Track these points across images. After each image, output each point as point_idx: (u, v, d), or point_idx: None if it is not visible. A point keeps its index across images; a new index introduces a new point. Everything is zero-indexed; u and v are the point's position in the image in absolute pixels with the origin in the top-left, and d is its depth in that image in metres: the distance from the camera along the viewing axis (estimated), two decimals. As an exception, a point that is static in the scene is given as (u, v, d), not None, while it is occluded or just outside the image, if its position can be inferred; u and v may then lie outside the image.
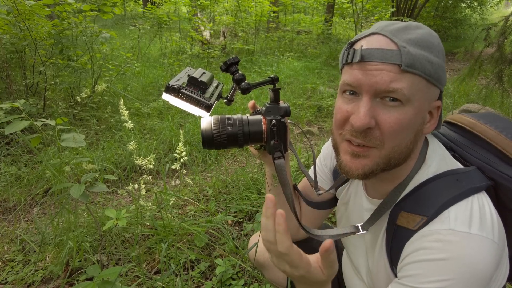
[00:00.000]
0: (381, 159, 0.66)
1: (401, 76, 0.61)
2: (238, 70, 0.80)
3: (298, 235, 1.04)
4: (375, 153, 0.66)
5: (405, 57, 0.60)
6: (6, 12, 3.06)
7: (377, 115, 0.63)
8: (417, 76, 0.62)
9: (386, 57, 0.61)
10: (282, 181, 0.83)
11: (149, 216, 1.88)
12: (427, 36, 0.64)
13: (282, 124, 0.80)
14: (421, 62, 0.62)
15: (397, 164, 0.68)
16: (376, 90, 0.62)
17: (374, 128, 0.64)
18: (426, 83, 0.64)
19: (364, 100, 0.64)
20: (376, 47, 0.63)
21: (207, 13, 8.24)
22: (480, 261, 0.58)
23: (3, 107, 1.31)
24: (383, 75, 0.61)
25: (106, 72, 3.97)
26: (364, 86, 0.63)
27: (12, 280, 1.61)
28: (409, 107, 0.63)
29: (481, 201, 0.64)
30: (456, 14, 11.95)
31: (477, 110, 3.14)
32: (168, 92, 0.76)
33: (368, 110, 0.63)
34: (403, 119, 0.62)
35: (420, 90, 0.63)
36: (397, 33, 0.63)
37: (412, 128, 0.65)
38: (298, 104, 4.37)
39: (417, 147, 0.70)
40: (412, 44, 0.62)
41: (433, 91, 0.66)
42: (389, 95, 0.62)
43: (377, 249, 0.77)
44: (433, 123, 0.70)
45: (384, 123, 0.63)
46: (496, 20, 3.50)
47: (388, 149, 0.65)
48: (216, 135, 0.78)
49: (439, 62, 0.64)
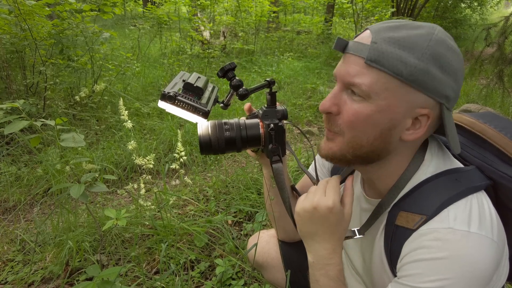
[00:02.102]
0: (344, 146, 0.69)
1: (366, 70, 0.62)
2: (235, 76, 0.80)
3: (297, 236, 1.04)
4: (339, 139, 0.70)
5: (370, 52, 0.62)
6: (8, 11, 3.06)
7: (342, 104, 0.67)
8: (383, 73, 0.61)
9: (357, 50, 0.64)
10: (280, 185, 0.83)
11: (149, 216, 1.88)
12: (416, 38, 0.61)
13: (280, 128, 0.80)
14: (388, 60, 0.60)
15: (366, 158, 0.69)
16: (343, 82, 0.66)
17: (337, 116, 0.68)
18: (400, 84, 0.61)
19: (335, 88, 0.68)
20: (356, 40, 0.66)
21: (207, 13, 8.23)
22: (480, 260, 0.58)
23: (3, 107, 1.31)
24: (351, 68, 0.64)
25: (106, 72, 3.97)
26: (337, 75, 0.68)
27: (12, 280, 1.61)
28: (371, 103, 0.63)
29: (480, 200, 0.64)
30: (456, 14, 11.94)
31: (477, 110, 3.14)
32: (164, 100, 0.74)
33: (333, 96, 0.68)
34: (360, 113, 0.64)
35: (388, 89, 0.62)
36: (382, 31, 0.63)
37: (374, 124, 0.64)
38: (298, 104, 4.37)
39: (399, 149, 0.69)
40: (390, 42, 0.61)
41: (415, 96, 0.62)
42: (351, 88, 0.65)
43: (375, 249, 0.77)
44: (420, 132, 0.66)
45: (344, 112, 0.67)
46: (496, 20, 3.50)
47: (348, 138, 0.68)
48: (214, 140, 0.78)
49: (421, 65, 0.60)
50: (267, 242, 1.15)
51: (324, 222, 0.70)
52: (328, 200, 0.70)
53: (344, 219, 0.71)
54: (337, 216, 0.70)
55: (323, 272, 0.70)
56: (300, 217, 0.74)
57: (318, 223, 0.71)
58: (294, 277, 1.04)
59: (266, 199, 0.98)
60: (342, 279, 0.70)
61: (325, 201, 0.70)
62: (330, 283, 0.70)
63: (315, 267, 0.72)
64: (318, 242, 0.72)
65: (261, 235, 1.17)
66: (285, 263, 1.07)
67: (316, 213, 0.70)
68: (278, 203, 0.94)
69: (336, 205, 0.70)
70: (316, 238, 0.72)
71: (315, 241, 0.72)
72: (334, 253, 0.71)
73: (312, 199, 0.72)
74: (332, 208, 0.69)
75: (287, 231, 1.04)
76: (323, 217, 0.70)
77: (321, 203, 0.70)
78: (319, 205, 0.70)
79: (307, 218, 0.72)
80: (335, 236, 0.71)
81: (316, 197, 0.71)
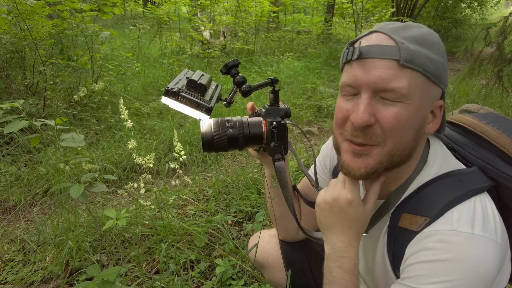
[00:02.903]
0: (383, 157, 0.65)
1: (400, 73, 0.61)
2: (239, 72, 0.79)
3: (298, 236, 1.04)
4: (377, 151, 0.65)
5: (403, 52, 0.60)
6: (7, 11, 3.06)
7: (377, 112, 0.63)
8: (416, 72, 0.62)
9: (385, 52, 0.61)
10: (282, 183, 0.83)
11: (148, 216, 1.88)
12: (426, 34, 0.64)
13: (282, 126, 0.80)
14: (420, 58, 0.61)
15: (399, 162, 0.67)
16: (375, 89, 0.62)
17: (374, 125, 0.64)
18: (427, 81, 0.63)
19: (363, 98, 0.63)
20: (375, 44, 0.63)
21: (207, 13, 8.23)
22: (484, 262, 0.58)
23: (3, 107, 1.31)
24: (382, 73, 0.61)
25: (106, 72, 3.97)
26: (363, 83, 0.63)
27: (12, 280, 1.61)
28: (409, 103, 0.62)
29: (483, 202, 0.64)
30: (456, 14, 11.96)
31: (477, 110, 3.14)
32: (167, 95, 0.75)
33: (367, 107, 0.63)
34: (402, 114, 0.62)
35: (420, 88, 0.63)
36: (396, 31, 0.63)
37: (412, 124, 0.64)
38: (298, 104, 4.36)
39: (420, 147, 0.70)
40: (411, 41, 0.62)
41: (434, 90, 0.66)
42: (387, 94, 0.62)
43: (378, 250, 0.76)
44: (436, 123, 0.69)
45: (384, 119, 0.63)
46: (496, 20, 3.50)
47: (390, 146, 0.65)
48: (216, 138, 0.78)
49: (440, 60, 0.64)
50: (268, 242, 1.15)
51: (342, 215, 0.70)
52: (348, 192, 0.70)
53: (364, 215, 0.71)
54: (356, 210, 0.70)
55: (338, 264, 0.70)
56: (320, 208, 0.74)
57: (336, 215, 0.71)
58: (295, 277, 1.04)
59: (267, 199, 0.98)
60: (356, 273, 0.70)
61: (345, 194, 0.70)
62: (344, 275, 0.69)
63: (331, 258, 0.72)
64: (335, 234, 0.72)
65: (262, 234, 1.17)
66: (286, 263, 1.06)
67: (336, 205, 0.71)
68: (279, 202, 0.93)
69: (356, 199, 0.70)
70: (333, 230, 0.72)
71: (332, 233, 0.72)
72: (351, 246, 0.70)
73: (333, 191, 0.72)
74: (351, 201, 0.69)
75: (288, 231, 1.04)
76: (342, 209, 0.70)
77: (341, 195, 0.70)
78: (339, 197, 0.70)
79: (326, 210, 0.72)
80: (352, 230, 0.71)
81: (337, 189, 0.72)
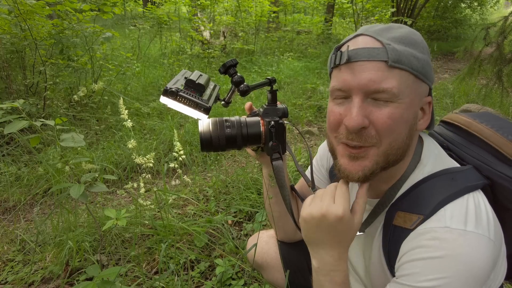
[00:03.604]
0: (379, 157, 0.66)
1: (389, 73, 0.62)
2: (237, 72, 0.80)
3: (296, 236, 1.04)
4: (373, 152, 0.66)
5: (391, 53, 0.62)
6: (8, 11, 3.06)
7: (370, 114, 0.64)
8: (404, 71, 0.63)
9: (373, 54, 0.62)
10: (280, 182, 0.83)
11: (148, 216, 1.88)
12: (410, 34, 0.66)
13: (280, 126, 0.80)
14: (407, 58, 0.63)
15: (395, 160, 0.68)
16: (366, 91, 0.63)
17: (368, 127, 0.64)
18: (415, 79, 0.65)
19: (355, 101, 0.64)
20: (362, 47, 0.64)
21: (207, 13, 8.23)
22: (477, 259, 0.58)
23: (3, 107, 1.31)
24: (372, 75, 0.62)
25: (106, 72, 3.97)
26: (353, 87, 0.64)
27: (12, 280, 1.61)
28: (400, 102, 0.63)
29: (476, 199, 0.65)
30: (456, 14, 11.94)
31: (477, 110, 3.14)
32: (166, 95, 0.75)
33: (360, 110, 0.63)
34: (395, 114, 0.63)
35: (409, 86, 0.64)
36: (381, 33, 0.65)
37: (405, 122, 0.65)
38: (298, 104, 4.36)
39: (412, 144, 0.71)
40: (397, 41, 0.64)
41: (422, 87, 0.67)
42: (379, 95, 0.63)
43: (373, 249, 0.77)
44: (426, 119, 0.71)
45: (378, 120, 0.63)
46: (496, 20, 3.50)
47: (385, 145, 0.65)
48: (214, 137, 0.78)
49: (425, 58, 0.66)
50: (266, 243, 1.15)
51: (332, 231, 0.66)
52: (338, 208, 0.65)
53: (354, 227, 0.67)
54: (347, 225, 0.66)
55: (329, 278, 0.68)
56: (306, 223, 0.69)
57: (325, 231, 0.67)
58: (293, 277, 1.04)
59: (266, 199, 0.98)
60: (347, 283, 0.69)
61: (335, 210, 0.65)
62: None
63: (320, 272, 0.69)
64: (324, 249, 0.68)
65: (260, 235, 1.17)
66: (284, 263, 1.07)
67: (325, 221, 0.66)
68: (278, 202, 0.94)
69: (346, 214, 0.65)
70: (321, 245, 0.69)
71: (320, 248, 0.69)
72: (340, 259, 0.68)
73: (321, 205, 0.67)
74: (342, 218, 0.64)
75: (287, 231, 1.04)
76: (331, 226, 0.65)
77: (330, 211, 0.65)
78: (328, 213, 0.65)
79: (314, 225, 0.67)
80: (342, 244, 0.67)
81: (325, 203, 0.66)
